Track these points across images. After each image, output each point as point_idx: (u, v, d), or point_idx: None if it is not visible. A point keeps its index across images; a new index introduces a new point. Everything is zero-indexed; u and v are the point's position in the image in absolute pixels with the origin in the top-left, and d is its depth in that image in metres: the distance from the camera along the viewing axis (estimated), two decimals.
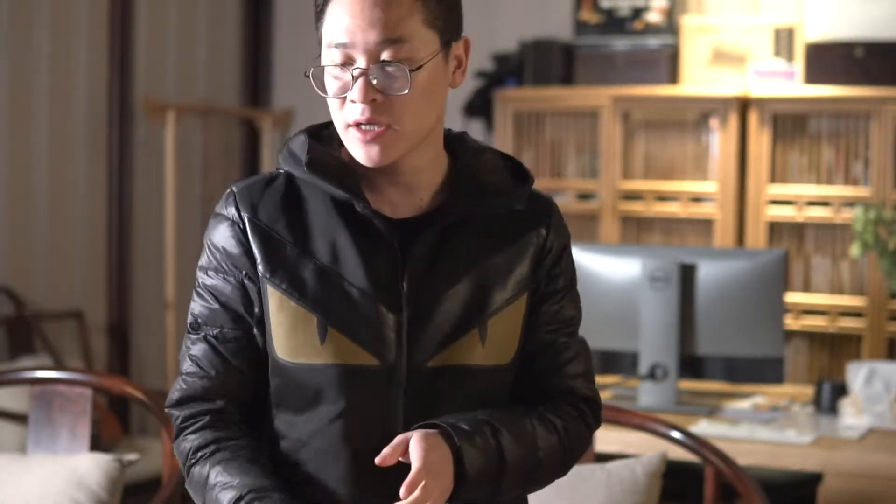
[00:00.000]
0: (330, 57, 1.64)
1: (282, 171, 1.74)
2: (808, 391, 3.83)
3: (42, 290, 4.90)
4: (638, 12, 4.95)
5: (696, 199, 4.76)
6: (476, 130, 5.20)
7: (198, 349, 1.73)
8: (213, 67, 5.77)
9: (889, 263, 3.71)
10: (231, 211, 1.71)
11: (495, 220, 1.73)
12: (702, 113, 4.76)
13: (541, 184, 4.88)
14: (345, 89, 1.63)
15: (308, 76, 1.67)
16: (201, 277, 1.74)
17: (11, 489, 2.47)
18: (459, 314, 1.69)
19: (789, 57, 4.76)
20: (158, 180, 5.31)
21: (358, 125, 1.64)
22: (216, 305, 1.72)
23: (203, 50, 5.72)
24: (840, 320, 4.60)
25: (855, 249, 3.75)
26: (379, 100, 1.62)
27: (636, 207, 4.81)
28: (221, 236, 1.72)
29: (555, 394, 1.77)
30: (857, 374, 3.44)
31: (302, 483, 1.70)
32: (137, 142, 5.28)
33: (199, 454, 1.70)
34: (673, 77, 4.90)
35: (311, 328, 1.67)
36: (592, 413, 1.80)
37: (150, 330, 5.37)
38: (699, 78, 4.86)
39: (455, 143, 1.78)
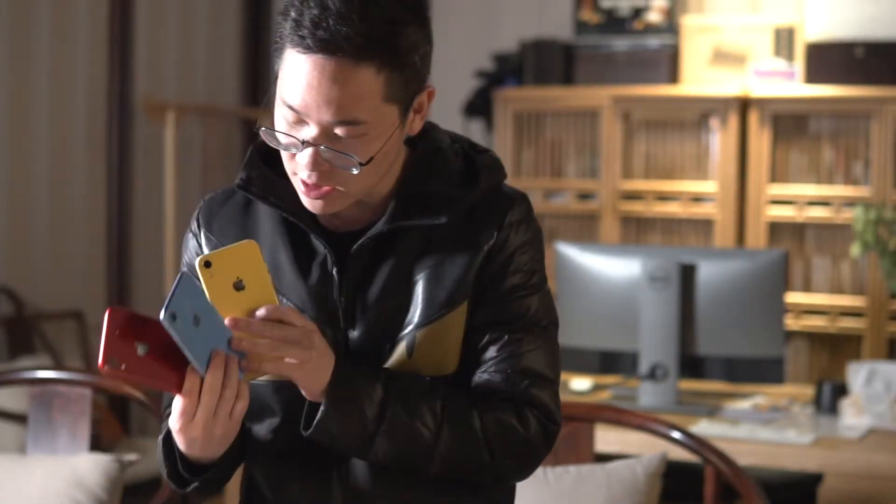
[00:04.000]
0: (282, 113, 1.57)
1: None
2: (809, 391, 3.82)
3: (42, 290, 4.89)
4: (638, 12, 4.95)
5: (696, 199, 4.76)
6: (476, 130, 5.20)
7: None
8: (213, 67, 5.77)
9: (889, 263, 3.71)
10: (194, 225, 1.76)
11: (438, 229, 1.65)
12: (702, 113, 4.76)
13: (541, 184, 4.88)
14: (295, 147, 1.57)
15: (257, 131, 1.59)
16: None
17: (11, 489, 2.47)
18: (390, 329, 1.64)
19: (789, 57, 4.76)
20: (158, 180, 5.31)
21: (303, 181, 1.59)
22: None
23: (203, 50, 5.72)
24: (840, 320, 4.60)
25: (855, 249, 3.75)
26: (327, 168, 1.56)
27: (636, 207, 4.81)
28: (188, 249, 1.76)
29: (495, 395, 1.65)
30: (857, 375, 3.43)
31: (259, 487, 1.73)
32: (137, 142, 5.28)
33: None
34: (673, 77, 4.90)
35: None
36: (537, 418, 1.66)
37: None
38: (699, 78, 4.86)
39: (418, 140, 1.70)
